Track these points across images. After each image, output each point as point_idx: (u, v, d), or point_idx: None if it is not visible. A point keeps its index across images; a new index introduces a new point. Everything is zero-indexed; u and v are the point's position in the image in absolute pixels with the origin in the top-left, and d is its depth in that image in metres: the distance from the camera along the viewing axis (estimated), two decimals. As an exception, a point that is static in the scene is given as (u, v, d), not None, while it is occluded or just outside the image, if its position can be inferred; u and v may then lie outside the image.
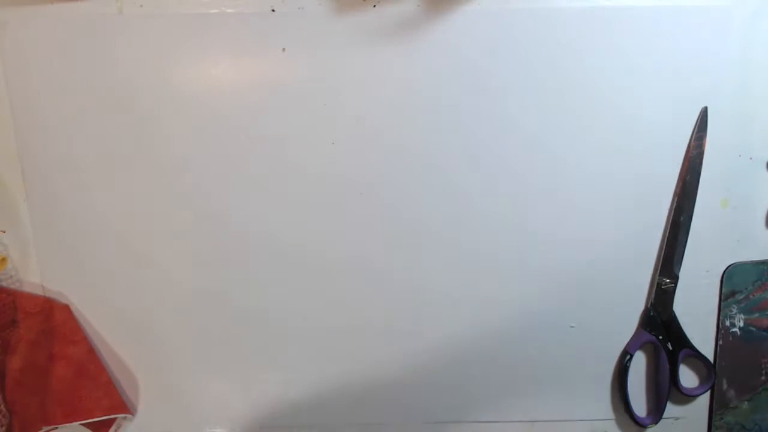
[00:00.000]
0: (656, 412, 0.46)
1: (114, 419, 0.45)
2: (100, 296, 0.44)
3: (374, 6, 0.40)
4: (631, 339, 0.45)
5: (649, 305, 0.45)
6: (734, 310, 0.45)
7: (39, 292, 0.44)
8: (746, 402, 0.46)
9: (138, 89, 0.41)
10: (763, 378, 0.46)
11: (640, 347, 0.45)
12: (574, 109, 0.41)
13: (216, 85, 0.41)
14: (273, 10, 0.40)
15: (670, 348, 0.44)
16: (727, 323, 0.45)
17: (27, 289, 0.44)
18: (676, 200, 0.43)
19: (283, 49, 0.40)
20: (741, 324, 0.45)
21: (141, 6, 0.40)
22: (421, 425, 0.47)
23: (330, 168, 0.42)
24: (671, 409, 0.46)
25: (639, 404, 0.46)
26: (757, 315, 0.45)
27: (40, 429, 0.43)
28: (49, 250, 0.44)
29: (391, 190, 0.43)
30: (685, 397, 0.45)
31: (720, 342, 0.45)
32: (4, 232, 0.43)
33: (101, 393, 0.44)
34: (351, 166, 0.42)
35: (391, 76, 0.41)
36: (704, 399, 0.46)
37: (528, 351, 0.46)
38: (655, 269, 0.44)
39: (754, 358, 0.45)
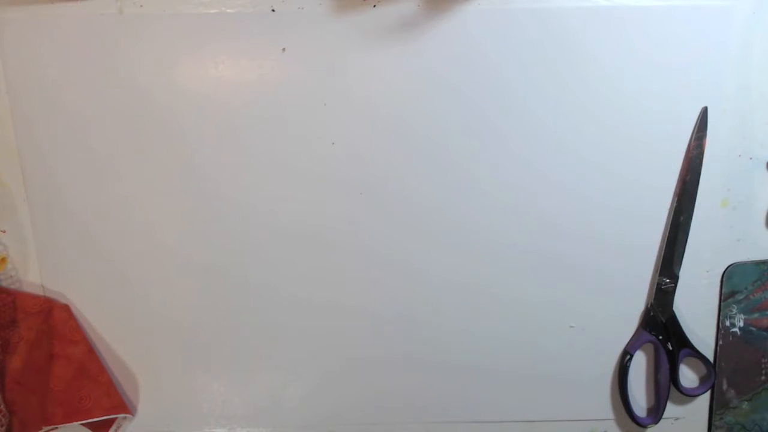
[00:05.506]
0: (656, 412, 0.46)
1: (114, 419, 0.45)
2: (100, 296, 0.44)
3: (374, 6, 0.40)
4: (631, 339, 0.45)
5: (649, 305, 0.45)
6: (734, 310, 0.45)
7: (39, 292, 0.44)
8: (746, 402, 0.46)
9: (138, 89, 0.41)
10: (763, 378, 0.46)
11: (640, 347, 0.45)
12: (572, 109, 0.41)
13: (216, 85, 0.41)
14: (273, 10, 0.40)
15: (670, 348, 0.44)
16: (727, 323, 0.45)
17: (27, 289, 0.44)
18: (676, 200, 0.43)
19: (283, 49, 0.40)
20: (741, 324, 0.45)
21: (141, 6, 0.40)
22: (421, 425, 0.47)
23: (330, 168, 0.42)
24: (671, 409, 0.46)
25: (639, 404, 0.46)
26: (757, 315, 0.45)
27: (40, 429, 0.43)
28: (49, 250, 0.44)
29: (391, 190, 0.43)
30: (685, 397, 0.45)
31: (720, 342, 0.45)
32: (4, 232, 0.43)
33: (101, 393, 0.44)
34: (351, 166, 0.42)
35: (390, 76, 0.41)
36: (704, 399, 0.46)
37: (528, 351, 0.46)
38: (655, 269, 0.44)
39: (754, 358, 0.45)
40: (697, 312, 0.45)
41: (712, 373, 0.45)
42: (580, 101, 0.41)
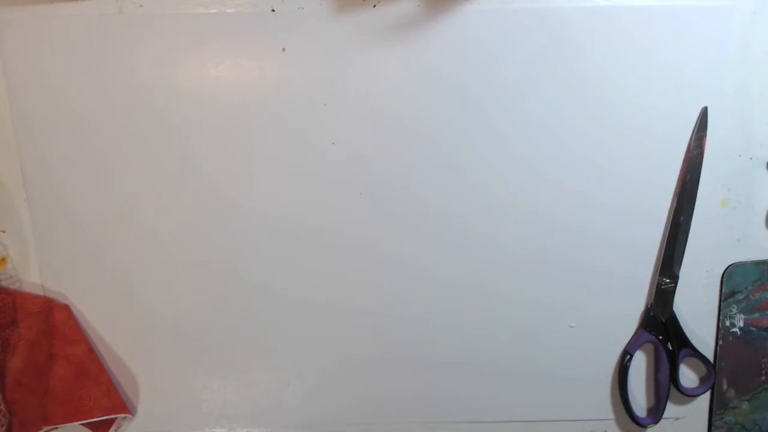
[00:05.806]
0: (656, 412, 0.46)
1: (114, 419, 0.45)
2: (100, 296, 0.44)
3: (374, 6, 0.40)
4: (631, 339, 0.45)
5: (649, 305, 0.45)
6: (734, 310, 0.45)
7: (39, 292, 0.44)
8: (746, 402, 0.46)
9: (138, 89, 0.41)
10: (763, 378, 0.46)
11: (640, 347, 0.45)
12: (572, 110, 0.41)
13: (216, 85, 0.41)
14: (273, 10, 0.40)
15: (670, 348, 0.44)
16: (727, 323, 0.45)
17: (27, 289, 0.44)
18: (676, 200, 0.43)
19: (283, 49, 0.40)
20: (741, 324, 0.45)
21: (141, 6, 0.40)
22: (421, 425, 0.47)
23: (330, 168, 0.42)
24: (671, 409, 0.46)
25: (639, 404, 0.46)
26: (757, 315, 0.45)
27: (40, 429, 0.43)
28: (49, 250, 0.44)
29: (390, 190, 0.43)
30: (685, 397, 0.45)
31: (720, 342, 0.45)
32: (4, 232, 0.43)
33: (101, 393, 0.44)
34: (351, 166, 0.42)
35: (390, 76, 0.41)
36: (704, 399, 0.46)
37: (528, 351, 0.46)
38: (655, 269, 0.44)
39: (754, 358, 0.45)
40: (697, 312, 0.45)
41: (712, 373, 0.45)
42: (580, 101, 0.41)
